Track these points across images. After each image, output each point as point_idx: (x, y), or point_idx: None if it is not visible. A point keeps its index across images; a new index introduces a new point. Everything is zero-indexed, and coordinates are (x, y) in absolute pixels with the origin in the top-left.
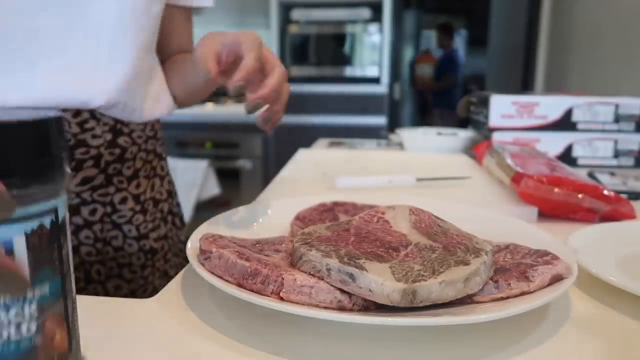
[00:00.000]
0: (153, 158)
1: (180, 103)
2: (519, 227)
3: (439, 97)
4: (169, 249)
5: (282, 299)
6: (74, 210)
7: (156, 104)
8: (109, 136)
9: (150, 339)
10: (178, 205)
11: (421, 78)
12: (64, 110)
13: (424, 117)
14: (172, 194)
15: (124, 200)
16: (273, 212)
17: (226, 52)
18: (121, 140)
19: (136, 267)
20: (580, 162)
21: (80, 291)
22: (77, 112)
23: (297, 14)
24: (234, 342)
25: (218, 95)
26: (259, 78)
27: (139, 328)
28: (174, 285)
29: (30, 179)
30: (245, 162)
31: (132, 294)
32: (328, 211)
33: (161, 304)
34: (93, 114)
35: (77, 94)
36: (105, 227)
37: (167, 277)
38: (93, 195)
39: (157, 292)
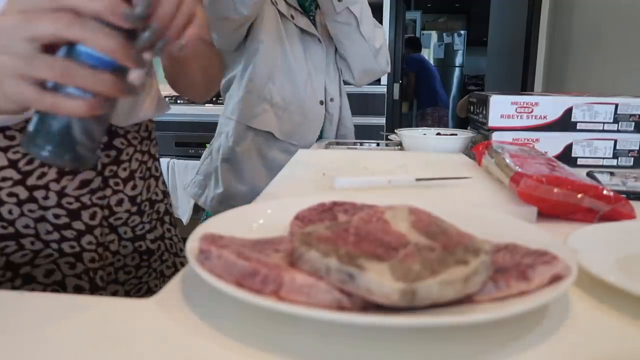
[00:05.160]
0: (148, 159)
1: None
2: (519, 227)
3: (423, 98)
4: (166, 249)
5: (281, 298)
6: (74, 215)
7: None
8: (104, 138)
9: (150, 339)
10: (171, 205)
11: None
12: None
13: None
14: (166, 194)
15: (120, 202)
16: (273, 212)
17: None
18: (117, 142)
19: (130, 268)
20: (579, 162)
21: None
22: None
23: None
24: (234, 342)
25: (218, 95)
26: None
27: (139, 328)
28: (173, 285)
29: None
30: None
31: (127, 295)
32: (327, 211)
33: (161, 304)
34: None
35: None
36: (103, 231)
37: (162, 277)
38: (92, 199)
39: (151, 292)
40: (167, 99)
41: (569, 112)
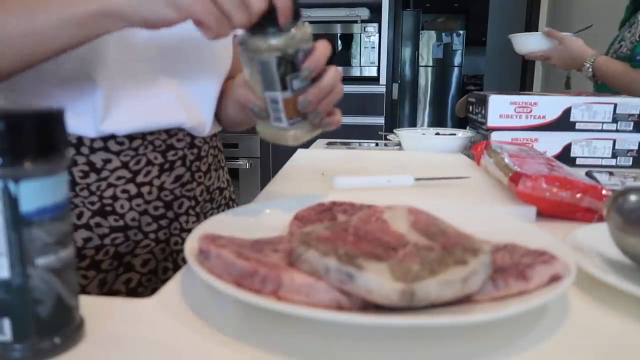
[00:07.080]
0: (217, 152)
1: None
2: (518, 227)
3: None
4: None
5: (280, 298)
6: (168, 206)
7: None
8: (188, 138)
9: (150, 339)
10: (234, 192)
11: None
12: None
13: None
14: (229, 182)
15: (202, 193)
16: (272, 212)
17: None
18: (197, 140)
19: None
20: (578, 162)
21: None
22: None
23: None
24: (233, 342)
25: None
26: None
27: (139, 328)
28: (174, 285)
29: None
30: (244, 162)
31: None
32: (326, 211)
33: (161, 304)
34: None
35: (188, 122)
36: (190, 219)
37: None
38: (182, 191)
39: None
40: None
41: (567, 111)
